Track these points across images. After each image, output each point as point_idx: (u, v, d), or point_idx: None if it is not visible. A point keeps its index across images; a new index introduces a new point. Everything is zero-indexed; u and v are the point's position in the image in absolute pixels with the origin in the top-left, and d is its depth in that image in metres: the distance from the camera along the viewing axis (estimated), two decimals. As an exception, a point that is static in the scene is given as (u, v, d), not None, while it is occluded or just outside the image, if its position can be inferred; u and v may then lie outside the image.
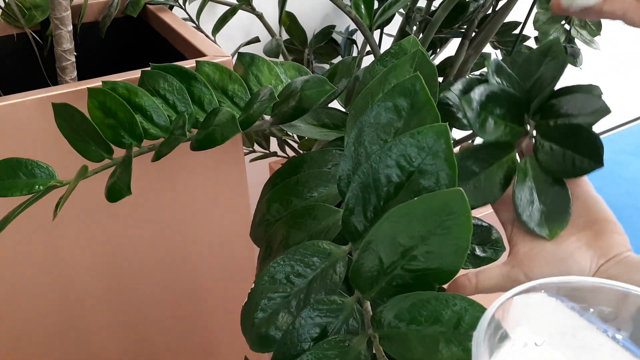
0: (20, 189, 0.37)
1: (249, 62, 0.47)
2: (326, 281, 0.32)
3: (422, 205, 0.28)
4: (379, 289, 0.30)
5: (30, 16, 0.72)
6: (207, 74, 0.44)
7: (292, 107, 0.40)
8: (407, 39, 0.43)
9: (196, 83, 0.42)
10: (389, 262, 0.29)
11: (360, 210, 0.32)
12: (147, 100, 0.40)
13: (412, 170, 0.31)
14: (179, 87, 0.41)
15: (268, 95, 0.39)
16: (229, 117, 0.36)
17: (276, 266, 0.33)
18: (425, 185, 0.30)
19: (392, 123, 0.33)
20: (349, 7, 0.61)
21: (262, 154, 0.88)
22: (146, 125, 0.40)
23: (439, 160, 0.30)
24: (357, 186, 0.32)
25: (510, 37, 0.93)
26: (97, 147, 0.38)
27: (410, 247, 0.29)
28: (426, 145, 0.30)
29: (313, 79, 0.40)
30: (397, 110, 0.33)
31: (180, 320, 0.69)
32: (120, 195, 0.35)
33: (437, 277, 0.29)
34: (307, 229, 0.36)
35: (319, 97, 0.39)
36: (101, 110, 0.39)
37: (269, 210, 0.40)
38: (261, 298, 0.32)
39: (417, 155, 0.30)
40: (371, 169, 0.31)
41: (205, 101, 0.42)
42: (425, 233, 0.28)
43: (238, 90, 0.44)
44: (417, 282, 0.29)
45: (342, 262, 0.33)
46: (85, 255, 0.61)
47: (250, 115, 0.39)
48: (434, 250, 0.28)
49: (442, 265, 0.28)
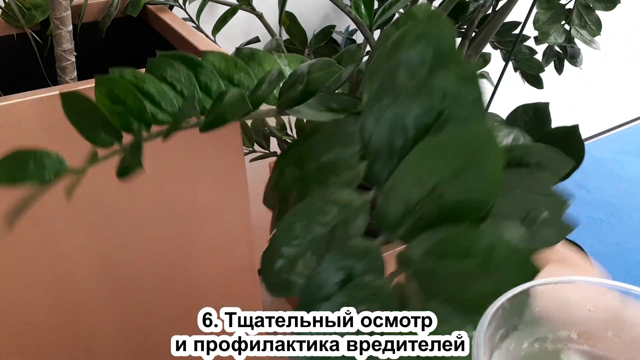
0: (30, 178, 0.37)
1: (249, 55, 0.46)
2: (348, 229, 0.31)
3: (451, 139, 0.28)
4: (407, 227, 0.29)
5: (30, 16, 0.72)
6: (213, 62, 0.43)
7: (299, 91, 0.39)
8: (418, 5, 0.43)
9: (203, 70, 0.42)
10: (417, 198, 0.29)
11: (386, 152, 0.31)
12: (155, 87, 0.39)
13: (441, 109, 0.30)
14: (187, 74, 0.41)
15: (276, 75, 0.38)
16: (239, 95, 0.35)
17: (296, 214, 0.32)
18: (454, 126, 0.30)
19: (416, 70, 0.32)
20: (349, 7, 0.61)
21: (262, 154, 0.88)
22: (154, 111, 0.39)
23: (469, 100, 0.30)
24: (383, 129, 0.31)
25: (510, 37, 0.93)
26: (106, 134, 0.38)
27: (438, 183, 0.28)
28: (455, 85, 0.30)
29: (319, 61, 0.40)
30: (422, 58, 0.32)
31: (180, 319, 0.69)
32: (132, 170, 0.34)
33: (468, 212, 0.28)
34: (325, 184, 0.35)
35: (327, 79, 0.38)
36: (109, 98, 0.38)
37: (283, 173, 0.39)
38: (282, 245, 0.32)
39: (446, 96, 0.30)
40: (398, 110, 0.31)
41: (212, 88, 0.42)
42: (454, 168, 0.28)
43: (244, 78, 0.43)
44: (447, 217, 0.28)
45: (365, 210, 0.32)
46: (84, 255, 0.61)
47: (260, 95, 0.38)
48: (463, 184, 0.28)
49: (472, 199, 0.28)
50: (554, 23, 0.88)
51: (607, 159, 1.69)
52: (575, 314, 0.27)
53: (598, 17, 0.88)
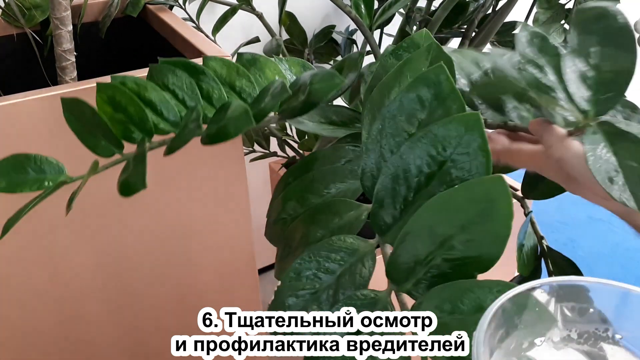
0: (29, 185, 0.36)
1: (251, 61, 0.46)
2: (355, 276, 0.32)
3: (463, 194, 0.28)
4: (415, 280, 0.29)
5: (30, 16, 0.72)
6: (215, 69, 0.43)
7: (301, 101, 0.39)
8: (419, 32, 0.43)
9: (205, 78, 0.42)
10: (427, 252, 0.29)
11: (390, 202, 0.31)
12: (157, 95, 0.39)
13: (444, 159, 0.30)
14: (189, 81, 0.41)
15: (280, 88, 0.38)
16: (243, 110, 0.36)
17: (302, 263, 0.32)
18: (457, 174, 0.30)
19: (415, 114, 0.33)
20: (349, 7, 0.61)
21: (262, 154, 0.88)
22: (156, 120, 0.39)
23: (472, 149, 0.30)
24: (386, 178, 0.31)
25: (510, 37, 0.93)
26: (107, 143, 0.37)
27: (450, 236, 0.28)
28: (458, 134, 0.30)
29: (322, 72, 0.40)
30: (421, 102, 0.32)
31: (181, 319, 0.69)
32: (135, 189, 0.34)
33: (477, 266, 0.28)
34: (328, 225, 0.36)
35: (329, 91, 0.39)
36: (110, 105, 0.38)
37: (285, 208, 0.40)
38: (288, 296, 0.32)
39: (449, 145, 0.30)
40: (400, 159, 0.31)
41: (214, 96, 0.42)
42: (466, 221, 0.28)
43: (246, 85, 0.43)
44: (456, 271, 0.29)
45: (371, 257, 0.32)
46: (84, 256, 0.60)
47: (262, 109, 0.38)
48: (474, 238, 0.28)
49: (482, 253, 0.28)
50: (554, 23, 0.88)
51: (607, 158, 1.69)
52: (575, 314, 0.27)
53: (598, 17, 0.88)
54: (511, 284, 0.27)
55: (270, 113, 0.39)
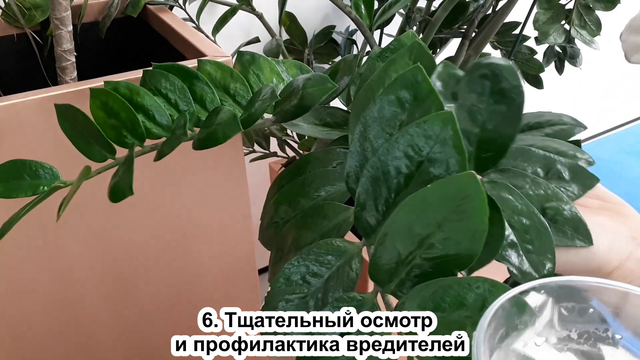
0: (25, 191, 0.37)
1: (250, 60, 0.47)
2: (343, 279, 0.32)
3: (436, 192, 0.28)
4: (398, 280, 0.30)
5: (30, 16, 0.72)
6: (209, 72, 0.44)
7: (293, 105, 0.40)
8: (405, 33, 0.43)
9: (198, 82, 0.42)
10: (406, 252, 0.29)
11: (371, 204, 0.32)
12: (149, 100, 0.40)
13: (421, 160, 0.30)
14: (181, 86, 0.41)
15: (269, 93, 0.39)
16: (231, 116, 0.36)
17: (291, 267, 0.32)
18: (435, 173, 0.30)
19: (396, 116, 0.33)
20: (349, 7, 0.61)
21: (262, 154, 0.88)
22: (148, 125, 0.40)
23: (448, 147, 0.30)
24: (367, 180, 0.31)
25: (510, 37, 0.93)
26: (100, 148, 0.38)
27: (427, 235, 0.28)
28: (433, 133, 0.30)
29: (315, 77, 0.40)
30: (401, 103, 0.32)
31: (181, 318, 0.69)
32: (123, 195, 0.35)
33: (457, 263, 0.28)
34: (317, 229, 0.36)
35: (321, 95, 0.39)
36: (103, 110, 0.39)
37: (277, 212, 0.40)
38: (278, 301, 0.32)
39: (425, 144, 0.30)
40: (379, 162, 0.31)
41: (207, 100, 0.42)
42: (441, 219, 0.28)
43: (240, 88, 0.44)
44: (436, 270, 0.29)
45: (357, 259, 0.32)
46: (85, 255, 0.61)
47: (252, 114, 0.38)
48: (450, 236, 0.28)
49: (460, 250, 0.28)
50: (554, 23, 0.88)
51: (607, 159, 1.69)
52: (575, 314, 0.27)
53: (598, 17, 0.88)
54: (493, 281, 0.28)
55: (259, 118, 0.39)
